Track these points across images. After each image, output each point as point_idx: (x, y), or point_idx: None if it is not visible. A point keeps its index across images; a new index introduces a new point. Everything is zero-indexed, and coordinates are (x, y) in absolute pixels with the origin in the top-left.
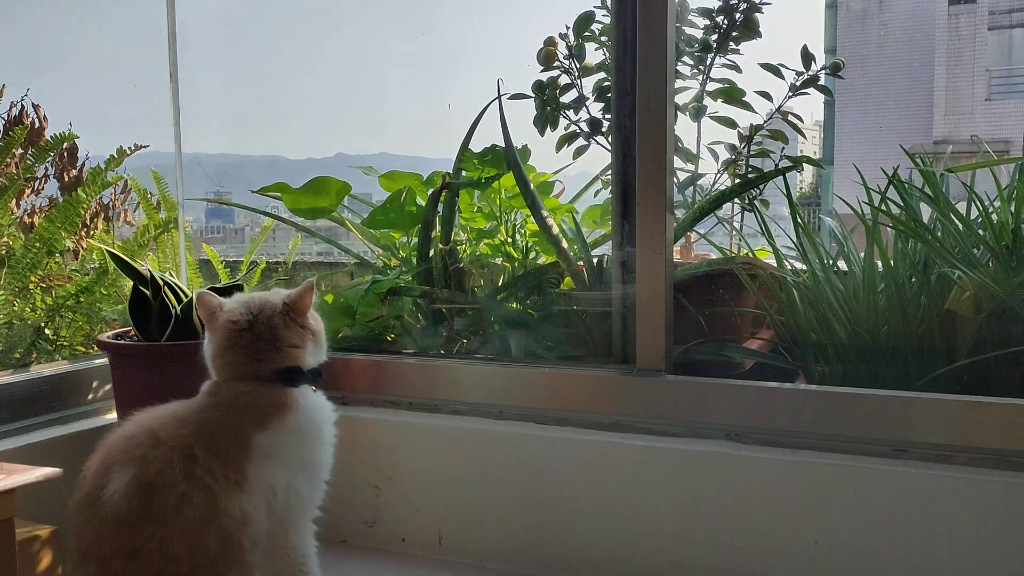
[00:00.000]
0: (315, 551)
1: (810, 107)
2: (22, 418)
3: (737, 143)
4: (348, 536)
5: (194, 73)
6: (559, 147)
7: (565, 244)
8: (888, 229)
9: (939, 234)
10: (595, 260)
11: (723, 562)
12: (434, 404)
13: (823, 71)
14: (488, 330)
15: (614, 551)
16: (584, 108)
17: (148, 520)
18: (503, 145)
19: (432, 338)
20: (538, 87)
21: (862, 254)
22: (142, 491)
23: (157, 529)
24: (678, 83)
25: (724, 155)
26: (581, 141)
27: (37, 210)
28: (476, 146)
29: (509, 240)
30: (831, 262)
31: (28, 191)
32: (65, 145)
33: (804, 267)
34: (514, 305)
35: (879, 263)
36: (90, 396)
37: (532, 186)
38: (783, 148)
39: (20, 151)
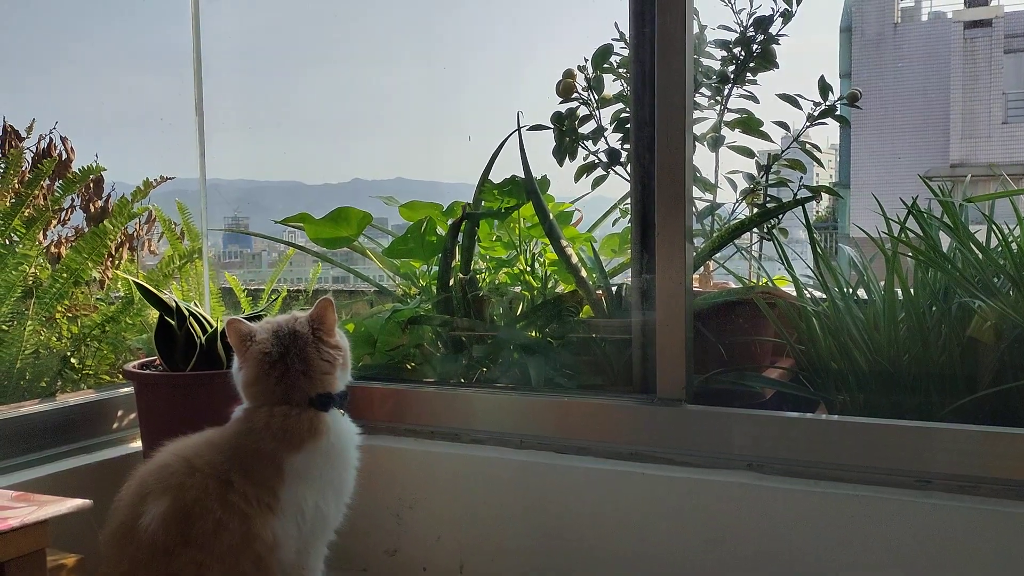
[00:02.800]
0: (322, 573)
1: (825, 131)
2: (49, 447)
3: (755, 172)
4: (369, 565)
5: (213, 98)
6: (578, 177)
7: (584, 273)
8: (907, 258)
9: (959, 263)
10: (614, 289)
11: None
12: (454, 433)
13: (840, 101)
14: (507, 358)
15: None
16: (602, 139)
17: (186, 547)
18: (522, 175)
19: (452, 366)
20: (557, 118)
21: (882, 282)
22: (180, 519)
23: (195, 555)
24: (696, 114)
25: (742, 184)
26: (599, 171)
27: (64, 240)
28: (496, 176)
29: (528, 269)
30: (851, 290)
31: (55, 222)
32: (91, 177)
33: (823, 296)
34: (533, 334)
35: (899, 291)
36: (115, 425)
37: (551, 216)
38: (801, 177)
39: (48, 183)
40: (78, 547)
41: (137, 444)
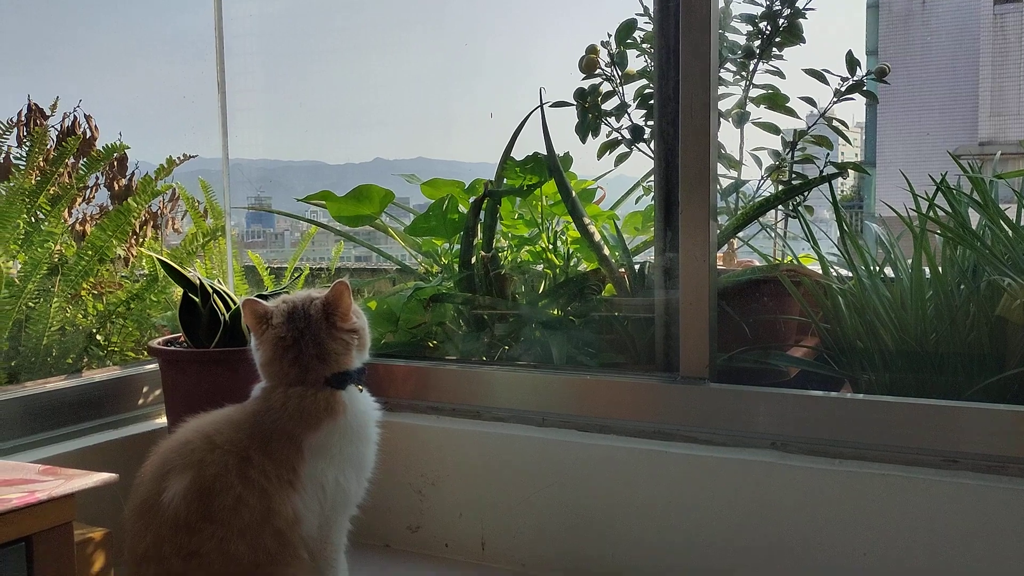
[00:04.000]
0: (345, 548)
1: (851, 109)
2: (76, 423)
3: (780, 149)
4: (392, 541)
5: (235, 80)
6: (600, 154)
7: (607, 251)
8: (935, 235)
9: (988, 240)
10: (637, 267)
11: (768, 570)
12: (476, 410)
13: (868, 76)
14: (529, 336)
15: (657, 560)
16: (626, 115)
17: (208, 522)
18: (545, 153)
19: (474, 344)
20: (580, 95)
21: (909, 260)
22: (201, 494)
23: (216, 530)
24: (721, 89)
25: (767, 161)
26: (623, 148)
27: (88, 218)
28: (518, 154)
29: (550, 247)
30: (877, 269)
31: (79, 200)
32: (115, 155)
33: (850, 274)
34: (555, 312)
35: (927, 270)
36: (141, 401)
37: (574, 193)
38: (828, 154)
39: (72, 161)
40: (105, 521)
41: (162, 420)
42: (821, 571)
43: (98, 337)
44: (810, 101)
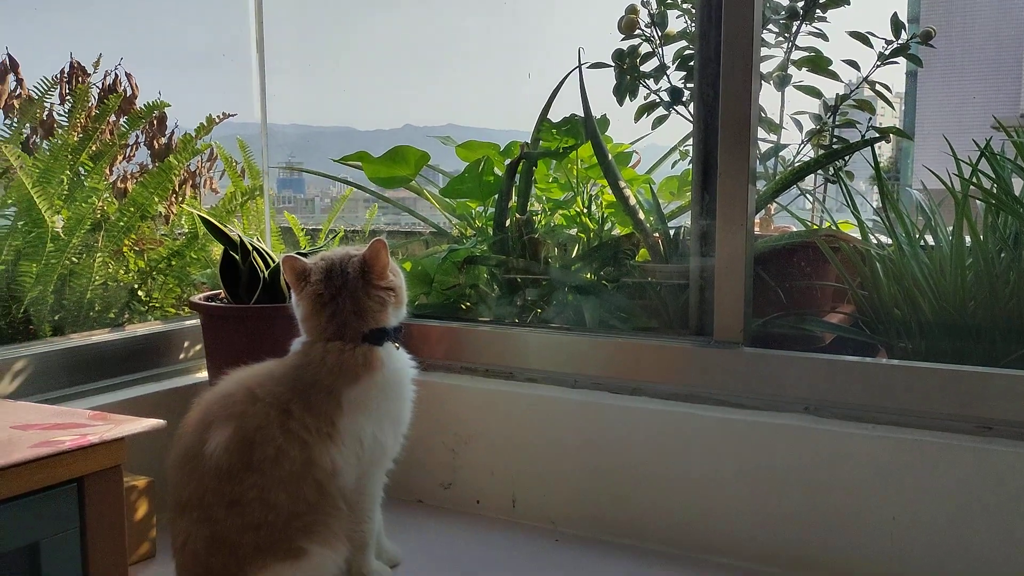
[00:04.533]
0: (381, 500)
1: (890, 78)
2: (119, 375)
3: (822, 113)
4: (424, 497)
5: (272, 41)
6: (638, 117)
7: (642, 215)
8: (977, 202)
9: None
10: (672, 232)
11: (797, 535)
12: (509, 371)
13: (914, 39)
14: (562, 300)
15: (686, 521)
16: (665, 77)
17: (249, 472)
18: (581, 115)
19: (507, 307)
20: (618, 56)
21: (949, 228)
22: (243, 445)
23: (258, 479)
24: (763, 51)
25: (808, 125)
26: (661, 111)
27: (129, 176)
28: (554, 117)
29: (585, 211)
30: (917, 235)
31: (120, 158)
32: (155, 113)
33: (889, 240)
34: (588, 276)
35: (967, 237)
36: (181, 355)
37: (610, 156)
38: (870, 119)
39: (114, 119)
40: (148, 471)
41: (202, 374)
42: (850, 535)
43: (139, 293)
44: (853, 64)
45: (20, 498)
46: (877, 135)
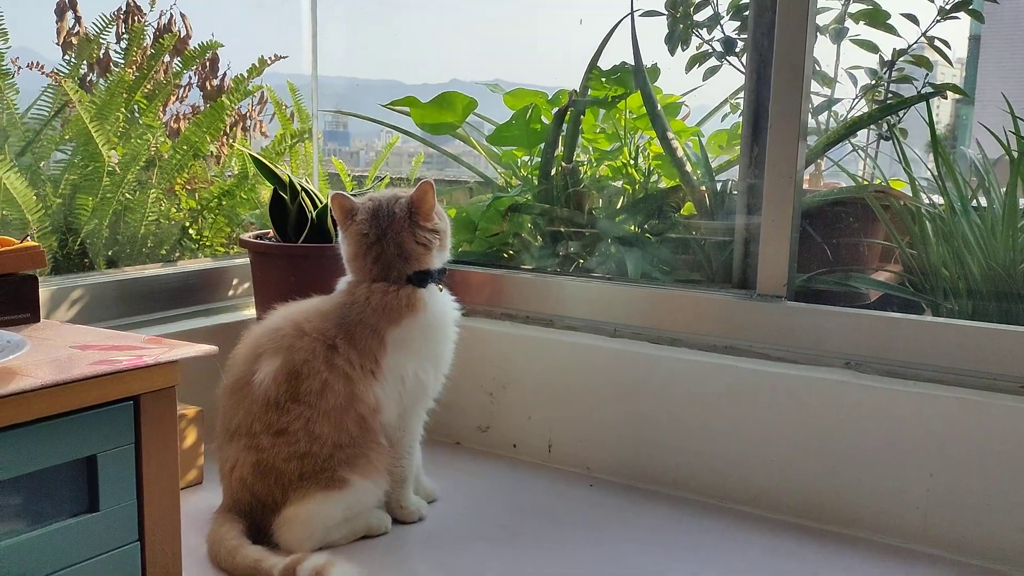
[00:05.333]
0: (421, 438)
1: (952, 42)
2: (170, 308)
3: (878, 68)
4: (462, 439)
5: None
6: (689, 67)
7: (689, 168)
8: None
9: None
10: (719, 186)
11: (832, 488)
12: (549, 319)
13: None
14: (604, 251)
15: (721, 472)
16: (718, 27)
17: (295, 403)
18: (632, 63)
19: (549, 256)
20: (671, 4)
21: (1003, 190)
22: (290, 377)
23: (304, 411)
24: (820, 2)
25: (863, 80)
26: (713, 62)
27: (182, 116)
28: (603, 65)
29: (631, 162)
30: (970, 194)
31: (173, 98)
32: (208, 54)
33: (940, 199)
34: (632, 228)
35: (1022, 199)
36: (230, 292)
37: (659, 106)
38: (926, 75)
39: (168, 59)
40: (197, 401)
41: (250, 311)
42: (886, 491)
43: (190, 231)
44: (912, 19)
45: (79, 412)
46: (933, 91)
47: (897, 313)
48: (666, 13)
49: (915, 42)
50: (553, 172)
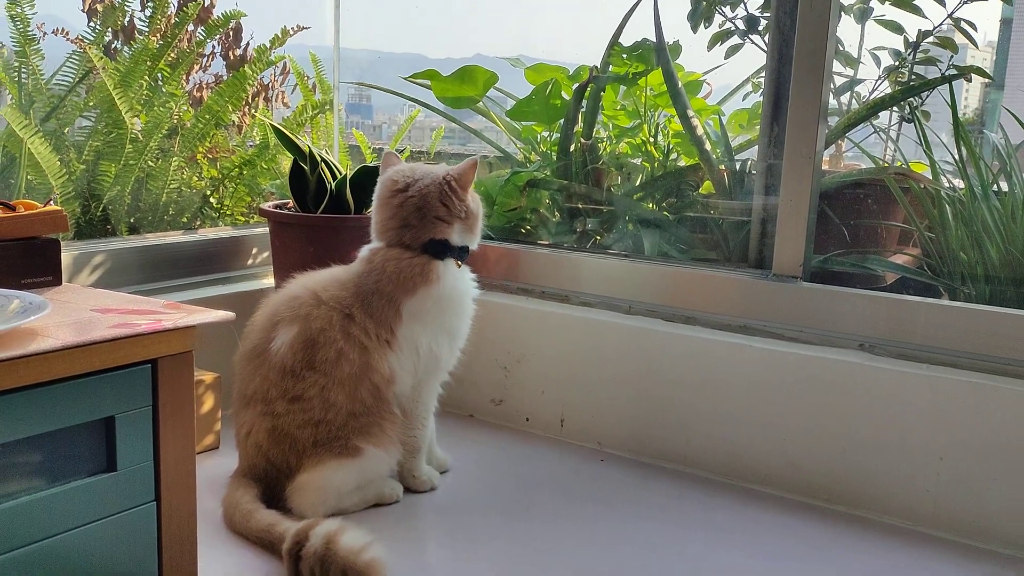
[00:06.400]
0: (435, 411)
1: (983, 28)
2: (190, 275)
3: (902, 49)
4: (476, 412)
5: None
6: (711, 45)
7: (708, 147)
8: None
9: None
10: (738, 165)
11: (842, 469)
12: (564, 295)
13: None
14: (622, 228)
15: (731, 450)
16: (741, 4)
17: (311, 371)
18: (654, 40)
19: (566, 233)
20: None
21: None
22: (306, 345)
23: (319, 379)
24: None
25: (887, 61)
26: (735, 40)
27: (205, 86)
28: (625, 41)
29: (651, 140)
30: (991, 179)
31: (197, 67)
32: (232, 24)
33: (961, 183)
34: (650, 206)
35: None
36: (250, 261)
37: (680, 84)
38: (951, 57)
39: (191, 28)
40: (216, 368)
41: (269, 280)
42: (895, 472)
43: (211, 199)
44: (939, 0)
45: (99, 373)
46: (956, 73)
47: (912, 296)
48: None
49: (941, 23)
50: (572, 148)
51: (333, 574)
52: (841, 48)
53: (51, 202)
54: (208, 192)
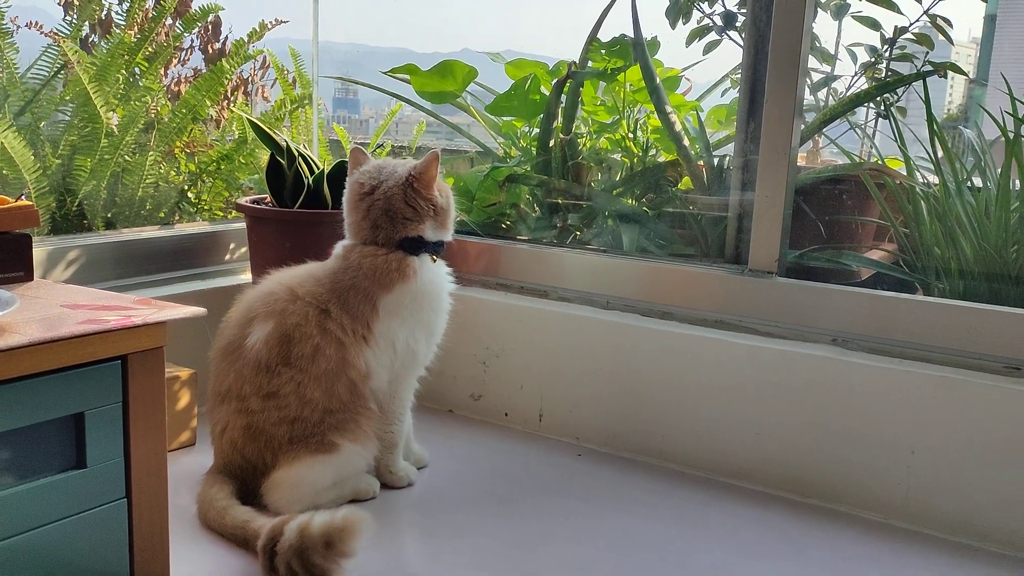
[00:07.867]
0: (412, 406)
1: (968, 24)
2: (167, 271)
3: (879, 45)
4: (455, 407)
5: None
6: (689, 41)
7: (687, 142)
8: None
9: None
10: (716, 160)
11: (815, 463)
12: (543, 290)
13: None
14: (601, 223)
15: (707, 444)
16: (719, 1)
17: (287, 367)
18: (631, 36)
19: (546, 228)
20: None
21: (999, 170)
22: (281, 341)
23: (294, 375)
24: None
25: (863, 57)
26: (713, 36)
27: (183, 80)
28: (604, 37)
29: (630, 135)
30: (965, 175)
31: (175, 61)
32: (210, 17)
33: (936, 180)
34: (629, 201)
35: (1017, 181)
36: (227, 256)
37: (658, 79)
38: (927, 54)
39: (169, 22)
40: (192, 364)
41: (246, 275)
42: (868, 466)
43: (189, 194)
44: None
45: (68, 370)
46: (931, 69)
47: (885, 291)
48: None
49: (916, 20)
50: (552, 143)
51: (314, 553)
52: (817, 44)
53: (23, 197)
54: (185, 187)
